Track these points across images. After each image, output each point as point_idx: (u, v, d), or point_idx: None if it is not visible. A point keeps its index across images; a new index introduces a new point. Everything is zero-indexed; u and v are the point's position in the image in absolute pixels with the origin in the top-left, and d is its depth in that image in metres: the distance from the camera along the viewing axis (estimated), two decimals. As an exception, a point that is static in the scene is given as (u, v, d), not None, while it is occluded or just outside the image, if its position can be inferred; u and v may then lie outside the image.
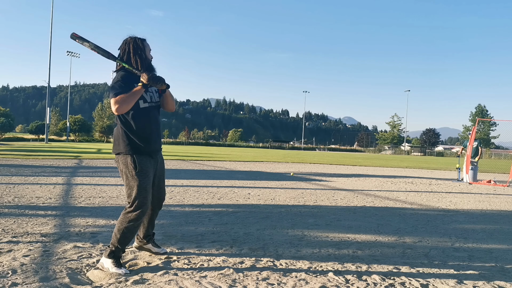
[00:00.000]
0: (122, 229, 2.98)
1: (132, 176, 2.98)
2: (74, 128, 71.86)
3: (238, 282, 2.85)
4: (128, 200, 3.02)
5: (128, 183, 3.00)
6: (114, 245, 2.99)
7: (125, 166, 3.01)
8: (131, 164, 2.98)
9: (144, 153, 3.03)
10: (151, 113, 3.10)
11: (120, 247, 3.00)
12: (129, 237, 3.03)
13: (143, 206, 2.99)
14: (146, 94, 3.07)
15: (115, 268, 2.92)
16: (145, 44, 3.12)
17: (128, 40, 3.10)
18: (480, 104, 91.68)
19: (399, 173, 16.59)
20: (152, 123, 3.09)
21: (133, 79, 3.01)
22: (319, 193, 8.32)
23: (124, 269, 2.95)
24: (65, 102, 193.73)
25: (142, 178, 2.98)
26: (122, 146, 3.02)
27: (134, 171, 2.97)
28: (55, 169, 11.97)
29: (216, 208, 6.00)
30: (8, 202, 5.77)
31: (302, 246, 3.93)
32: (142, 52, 3.07)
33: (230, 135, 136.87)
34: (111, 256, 2.97)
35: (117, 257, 3.00)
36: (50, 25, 51.38)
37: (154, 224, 3.41)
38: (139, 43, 3.09)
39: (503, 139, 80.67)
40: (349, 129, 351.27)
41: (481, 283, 3.07)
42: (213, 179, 10.50)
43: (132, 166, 2.98)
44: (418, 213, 6.36)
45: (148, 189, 3.02)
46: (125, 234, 2.99)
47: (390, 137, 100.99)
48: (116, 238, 2.99)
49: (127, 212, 3.01)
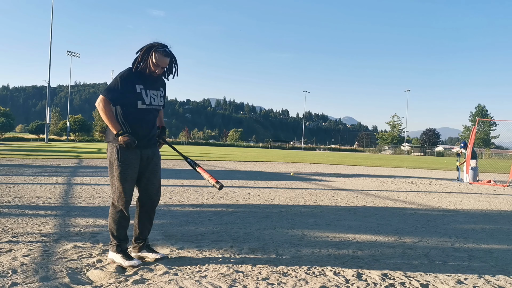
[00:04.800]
0: (116, 219, 3.12)
1: (115, 165, 3.07)
2: (74, 128, 71.85)
3: (238, 282, 2.85)
4: (111, 190, 3.14)
5: (111, 171, 3.11)
6: (115, 236, 3.11)
7: (111, 154, 3.11)
8: (115, 154, 3.06)
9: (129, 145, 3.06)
10: (147, 116, 3.13)
11: (121, 238, 3.11)
12: (124, 225, 3.14)
13: (126, 194, 3.07)
14: (146, 96, 3.10)
15: (127, 262, 3.03)
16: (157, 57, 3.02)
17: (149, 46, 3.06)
18: (480, 104, 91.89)
19: (399, 173, 16.59)
20: (144, 124, 3.12)
21: (133, 80, 3.06)
22: (319, 193, 8.32)
23: (136, 260, 3.07)
24: (65, 102, 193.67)
25: (124, 169, 3.06)
26: (111, 136, 3.10)
27: (117, 161, 3.05)
28: (55, 169, 11.97)
29: (216, 208, 6.00)
30: (8, 202, 5.77)
31: (302, 246, 3.93)
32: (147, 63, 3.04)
33: (230, 135, 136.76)
34: (118, 250, 3.08)
35: (124, 250, 3.11)
36: (50, 25, 51.42)
37: (148, 227, 3.28)
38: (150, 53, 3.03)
39: (503, 139, 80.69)
40: (349, 129, 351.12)
41: (481, 283, 3.07)
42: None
43: (116, 156, 3.06)
44: (418, 213, 6.36)
45: (129, 179, 3.09)
46: (121, 223, 3.12)
47: (390, 137, 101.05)
48: (114, 228, 3.11)
49: (112, 203, 3.14)
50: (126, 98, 3.04)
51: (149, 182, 3.22)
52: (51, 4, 50.30)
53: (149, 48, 3.05)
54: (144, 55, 3.06)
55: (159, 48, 3.05)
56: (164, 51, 3.06)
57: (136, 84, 3.06)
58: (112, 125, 3.01)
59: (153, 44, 3.08)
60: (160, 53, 3.04)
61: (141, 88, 3.08)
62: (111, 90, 3.02)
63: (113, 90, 3.01)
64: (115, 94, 3.01)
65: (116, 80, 3.05)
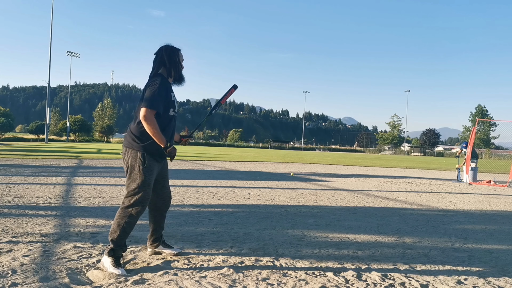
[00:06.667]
0: (122, 224, 3.02)
1: (139, 170, 3.05)
2: (74, 128, 71.81)
3: (238, 282, 2.85)
4: (127, 193, 3.07)
5: (133, 176, 3.06)
6: (113, 241, 3.02)
7: (134, 160, 3.07)
8: (140, 159, 3.05)
9: (154, 154, 3.10)
10: (173, 122, 3.24)
11: (119, 243, 3.03)
12: (128, 232, 3.08)
13: (144, 201, 3.06)
14: (176, 103, 3.20)
15: (112, 268, 2.93)
16: (180, 54, 3.28)
17: (165, 47, 3.23)
18: (480, 104, 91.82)
19: (399, 173, 16.59)
20: (170, 130, 3.21)
21: (169, 86, 3.16)
22: (319, 193, 8.32)
23: (122, 269, 2.95)
24: (65, 102, 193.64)
25: (148, 175, 3.06)
26: (137, 143, 3.08)
27: (142, 166, 3.04)
28: (55, 169, 11.96)
29: (216, 208, 6.00)
30: (8, 202, 5.77)
31: (302, 246, 3.93)
32: (177, 60, 3.23)
33: (230, 135, 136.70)
34: (111, 254, 3.00)
35: (117, 256, 3.01)
36: (50, 25, 51.40)
37: (163, 226, 3.45)
38: (175, 52, 3.24)
39: (503, 139, 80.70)
40: (349, 129, 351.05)
41: (481, 283, 3.07)
42: (213, 179, 10.50)
43: (141, 161, 3.05)
44: (418, 213, 6.36)
45: (150, 186, 3.10)
46: (125, 229, 3.04)
47: (390, 137, 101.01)
48: (116, 234, 3.02)
49: (126, 207, 3.05)
50: (164, 107, 3.09)
51: (164, 185, 3.35)
52: (51, 4, 50.30)
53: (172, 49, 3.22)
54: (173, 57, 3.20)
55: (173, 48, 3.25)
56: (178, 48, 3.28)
57: (171, 92, 3.16)
58: (159, 139, 3.00)
59: (168, 45, 3.25)
60: (179, 50, 3.28)
61: (173, 96, 3.19)
62: (155, 100, 2.99)
63: (159, 99, 3.01)
64: (160, 104, 3.02)
65: (156, 89, 3.02)
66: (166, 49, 3.22)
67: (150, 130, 2.97)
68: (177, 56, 3.24)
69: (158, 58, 3.20)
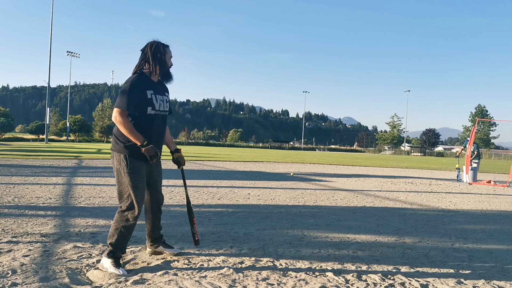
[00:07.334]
0: (120, 228, 3.01)
1: (124, 173, 3.02)
2: (74, 128, 71.85)
3: (238, 282, 2.85)
4: (119, 198, 3.07)
5: (120, 180, 3.05)
6: (112, 245, 3.00)
7: (118, 163, 3.06)
8: (123, 161, 3.02)
9: (137, 155, 3.04)
10: (156, 121, 3.13)
11: (118, 246, 3.02)
12: (127, 236, 3.06)
13: (138, 204, 3.02)
14: (156, 101, 3.09)
15: (113, 268, 2.93)
16: (167, 51, 3.19)
17: (151, 44, 3.16)
18: (480, 104, 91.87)
19: (399, 173, 16.59)
20: (153, 130, 3.11)
21: (144, 84, 3.05)
22: (319, 193, 8.32)
23: (122, 269, 2.95)
24: (65, 102, 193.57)
25: (134, 176, 3.02)
26: (119, 145, 3.06)
27: (126, 168, 3.01)
28: (55, 169, 11.97)
29: (216, 208, 6.00)
30: (8, 202, 5.77)
31: (302, 246, 3.93)
32: (162, 57, 3.13)
33: (230, 135, 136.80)
34: (110, 255, 2.99)
35: (117, 257, 3.01)
36: (50, 25, 51.41)
37: (159, 226, 3.42)
38: (161, 48, 3.15)
39: (503, 139, 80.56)
40: (349, 129, 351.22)
41: (481, 283, 3.07)
42: (213, 179, 10.50)
43: (125, 163, 3.02)
44: (418, 213, 6.36)
45: (140, 187, 3.05)
46: (123, 234, 3.02)
47: (390, 137, 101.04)
48: (114, 238, 3.00)
49: (122, 211, 3.04)
50: (137, 105, 3.00)
51: (156, 187, 3.30)
52: (51, 4, 50.32)
53: (157, 46, 3.13)
54: (157, 54, 3.11)
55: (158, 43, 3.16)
56: (166, 45, 3.21)
57: (147, 90, 3.05)
58: (134, 137, 2.95)
59: (154, 41, 3.17)
60: (166, 47, 3.19)
61: (151, 94, 3.07)
62: (126, 99, 2.94)
63: (127, 99, 2.94)
64: (130, 104, 2.94)
65: (127, 87, 2.98)
66: (152, 45, 3.13)
67: (122, 130, 2.95)
68: (163, 53, 3.13)
69: (142, 55, 3.14)
